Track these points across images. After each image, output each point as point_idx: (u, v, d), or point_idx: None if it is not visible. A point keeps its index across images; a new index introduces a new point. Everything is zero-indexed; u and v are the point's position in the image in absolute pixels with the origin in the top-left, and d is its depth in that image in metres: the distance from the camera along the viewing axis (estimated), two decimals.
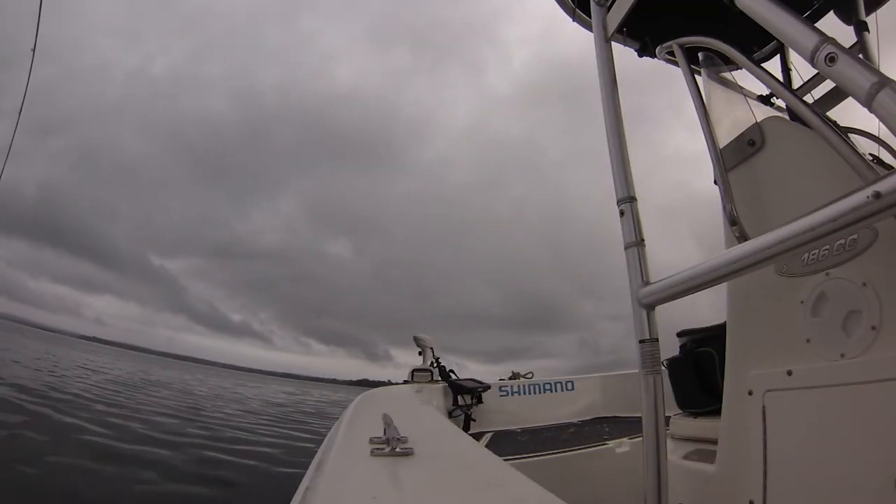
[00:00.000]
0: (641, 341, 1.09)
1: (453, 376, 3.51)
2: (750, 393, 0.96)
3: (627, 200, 1.20)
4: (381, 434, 0.58)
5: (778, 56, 1.90)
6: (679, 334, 1.77)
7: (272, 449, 7.19)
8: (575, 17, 1.90)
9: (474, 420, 3.17)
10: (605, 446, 2.16)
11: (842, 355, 0.81)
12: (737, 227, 0.99)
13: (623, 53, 1.78)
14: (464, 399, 3.24)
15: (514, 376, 3.73)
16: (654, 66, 1.73)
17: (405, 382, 3.38)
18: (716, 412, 1.13)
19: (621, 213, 1.21)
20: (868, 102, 0.63)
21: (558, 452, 2.16)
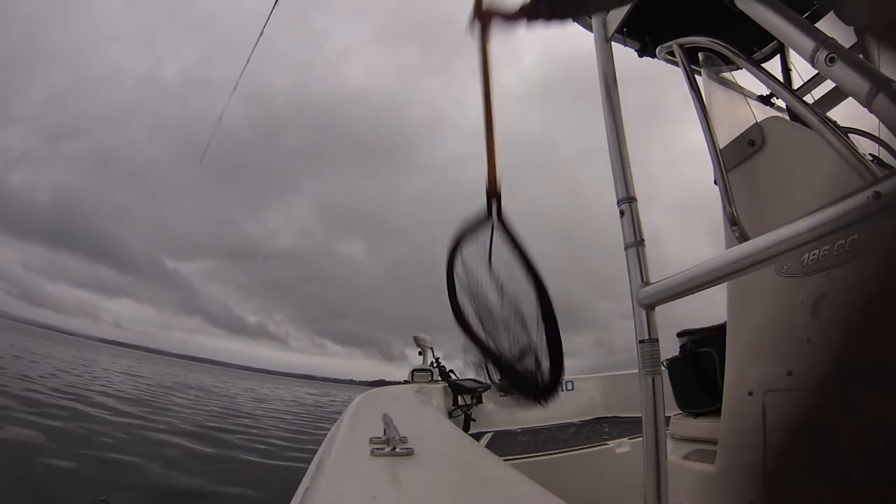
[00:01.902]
0: (641, 341, 1.09)
1: (453, 376, 3.50)
2: (750, 393, 0.96)
3: (627, 200, 1.20)
4: (381, 434, 0.58)
5: (778, 56, 1.90)
6: (679, 334, 1.77)
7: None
8: (575, 17, 1.90)
9: (474, 420, 3.17)
10: (605, 446, 2.16)
11: None
12: (737, 227, 0.99)
13: (625, 52, 1.78)
14: (464, 399, 3.24)
15: None
16: (659, 63, 1.73)
17: (405, 382, 3.38)
18: (716, 412, 1.13)
19: (621, 214, 1.21)
20: (868, 102, 0.63)
21: (558, 452, 2.16)
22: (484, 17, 1.19)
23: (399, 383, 3.41)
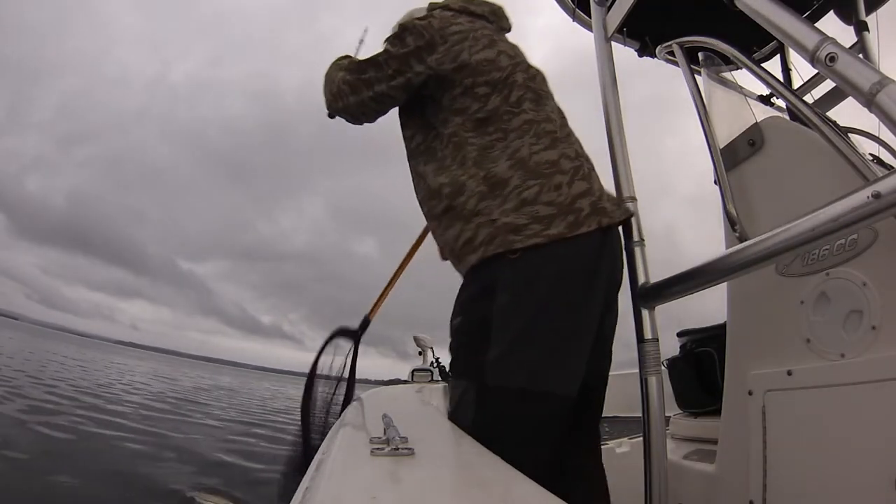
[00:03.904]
0: (641, 341, 1.09)
1: None
2: (750, 393, 0.96)
3: (628, 200, 1.20)
4: (381, 434, 0.58)
5: (778, 56, 1.90)
6: (679, 334, 1.77)
7: None
8: (575, 17, 1.90)
9: None
10: (605, 446, 2.16)
11: (842, 355, 0.81)
12: (737, 227, 0.99)
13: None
14: None
15: None
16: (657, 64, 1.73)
17: (405, 382, 3.36)
18: (716, 412, 1.13)
19: None
20: (868, 102, 0.63)
21: None
22: None
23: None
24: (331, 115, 1.18)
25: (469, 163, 0.95)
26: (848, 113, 1.30)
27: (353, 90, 1.06)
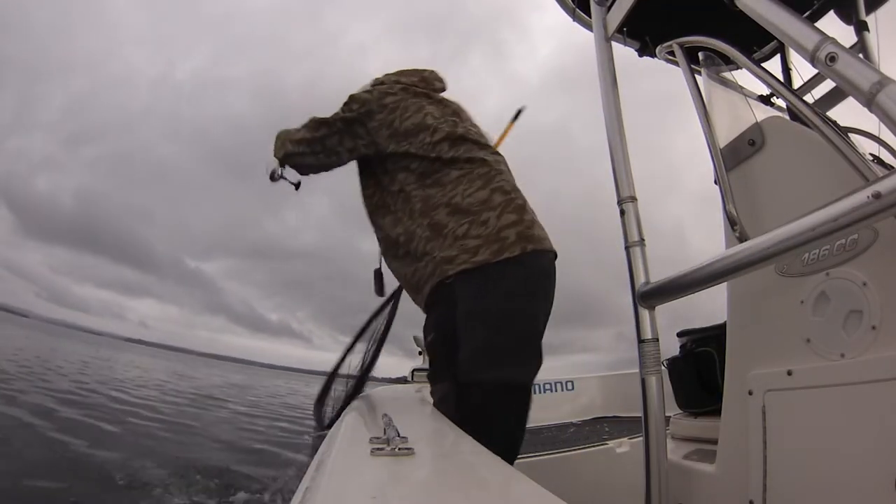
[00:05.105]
0: (641, 341, 1.09)
1: None
2: (750, 393, 0.96)
3: (628, 200, 1.20)
4: (381, 434, 0.58)
5: (778, 56, 1.90)
6: (679, 334, 1.77)
7: None
8: (575, 17, 1.90)
9: None
10: (605, 446, 2.16)
11: (842, 355, 0.81)
12: (737, 227, 0.99)
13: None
14: None
15: None
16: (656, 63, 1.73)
17: (405, 382, 3.37)
18: (716, 412, 1.13)
19: (622, 213, 1.21)
20: (868, 102, 0.63)
21: (558, 452, 2.16)
22: None
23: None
24: (281, 165, 1.35)
25: (416, 213, 1.16)
26: (848, 113, 1.30)
27: (309, 144, 1.28)
